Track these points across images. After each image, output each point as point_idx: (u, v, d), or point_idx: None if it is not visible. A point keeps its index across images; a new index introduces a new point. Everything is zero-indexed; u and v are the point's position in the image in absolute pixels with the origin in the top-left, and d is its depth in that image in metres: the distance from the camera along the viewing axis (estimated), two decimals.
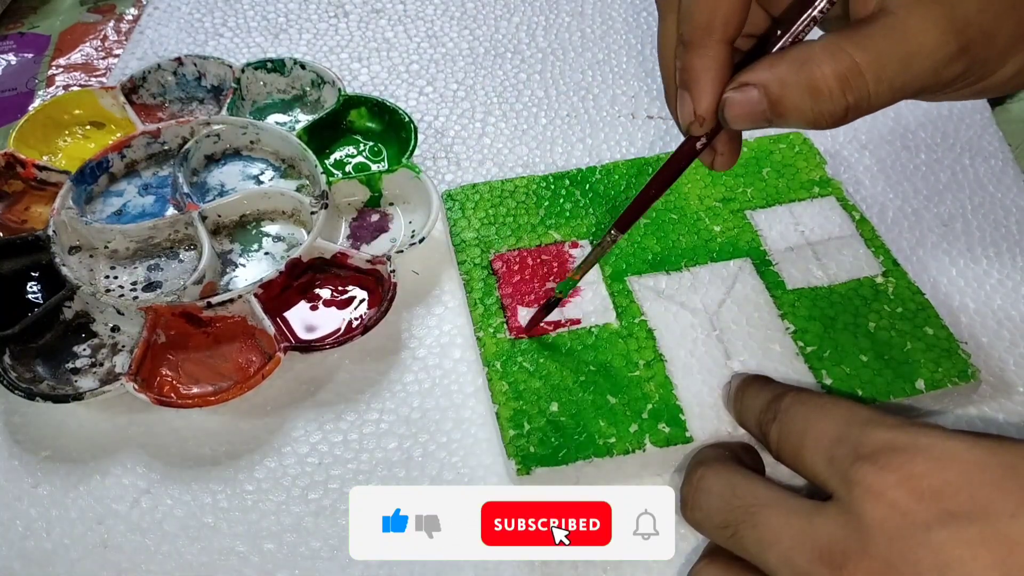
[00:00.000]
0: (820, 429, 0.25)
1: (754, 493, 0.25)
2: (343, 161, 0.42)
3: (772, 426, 0.27)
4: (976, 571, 0.21)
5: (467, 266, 0.36)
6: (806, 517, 0.23)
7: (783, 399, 0.27)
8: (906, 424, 0.24)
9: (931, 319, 0.33)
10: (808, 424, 0.25)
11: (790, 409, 0.26)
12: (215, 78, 0.45)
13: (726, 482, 0.26)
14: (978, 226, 0.39)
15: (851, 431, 0.24)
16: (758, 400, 0.28)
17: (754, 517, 0.24)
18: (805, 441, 0.25)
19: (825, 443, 0.24)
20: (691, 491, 0.27)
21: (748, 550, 0.24)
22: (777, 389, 0.28)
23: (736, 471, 0.26)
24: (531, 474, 0.29)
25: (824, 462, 0.24)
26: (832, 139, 0.44)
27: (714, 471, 0.27)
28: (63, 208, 0.37)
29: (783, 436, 0.26)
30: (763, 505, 0.24)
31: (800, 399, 0.27)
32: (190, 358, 0.34)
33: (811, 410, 0.26)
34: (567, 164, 0.43)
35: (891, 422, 0.24)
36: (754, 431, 0.29)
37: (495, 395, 0.31)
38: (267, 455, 0.32)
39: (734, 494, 0.25)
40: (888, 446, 0.23)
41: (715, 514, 0.25)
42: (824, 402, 0.26)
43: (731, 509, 0.25)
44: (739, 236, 0.37)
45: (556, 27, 0.51)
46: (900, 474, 0.22)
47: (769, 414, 0.27)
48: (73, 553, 0.30)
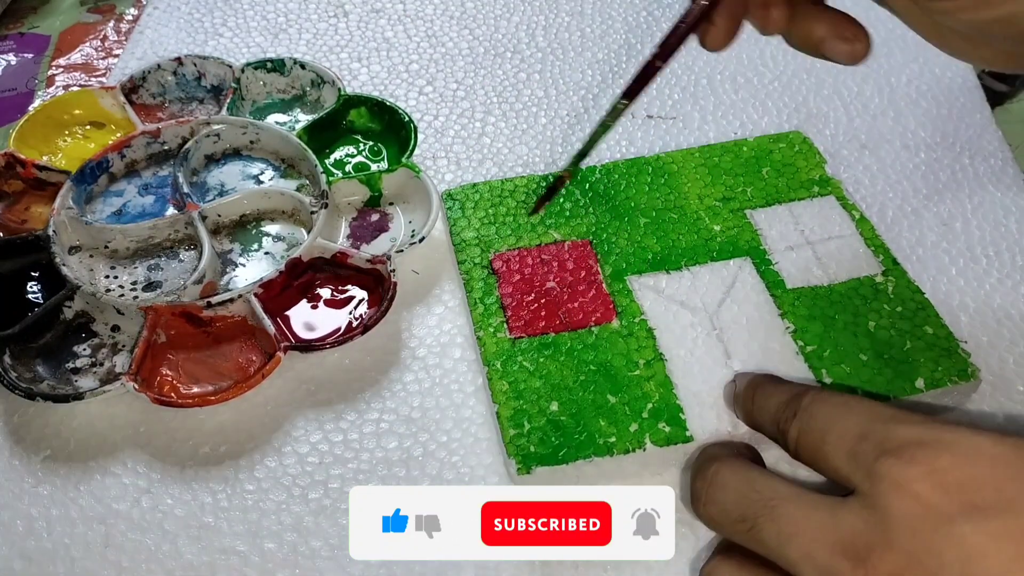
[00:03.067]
0: (843, 426, 0.25)
1: (773, 487, 0.25)
2: (343, 161, 0.42)
3: (792, 424, 0.26)
4: (1000, 563, 0.20)
5: (467, 265, 0.36)
6: (828, 511, 0.23)
7: (803, 397, 0.27)
8: (931, 421, 0.24)
9: (931, 318, 0.33)
10: (830, 421, 0.25)
11: (811, 407, 0.26)
12: (215, 78, 0.45)
13: (743, 476, 0.26)
14: (978, 225, 0.39)
15: (875, 427, 0.24)
16: (774, 399, 0.28)
17: (774, 511, 0.24)
18: (828, 438, 0.25)
19: (848, 439, 0.24)
20: (705, 485, 0.26)
21: (767, 543, 0.24)
22: (795, 388, 0.28)
23: (751, 466, 0.26)
24: (531, 473, 0.29)
25: (847, 458, 0.24)
26: (832, 139, 0.44)
27: (729, 466, 0.26)
28: (63, 208, 0.37)
29: (804, 433, 0.26)
30: (783, 499, 0.24)
31: (821, 397, 0.26)
32: (190, 358, 0.34)
33: (833, 408, 0.26)
34: (567, 163, 0.43)
35: (916, 419, 0.24)
36: (769, 429, 0.28)
37: (495, 394, 0.31)
38: (267, 454, 0.32)
39: (752, 488, 0.25)
40: (914, 441, 0.23)
41: (732, 508, 0.25)
42: (847, 400, 0.26)
43: (749, 503, 0.24)
44: (739, 235, 0.37)
45: (556, 27, 0.52)
46: (925, 468, 0.22)
47: (788, 411, 0.27)
48: (74, 552, 0.30)
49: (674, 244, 0.36)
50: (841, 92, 0.47)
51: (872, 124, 0.45)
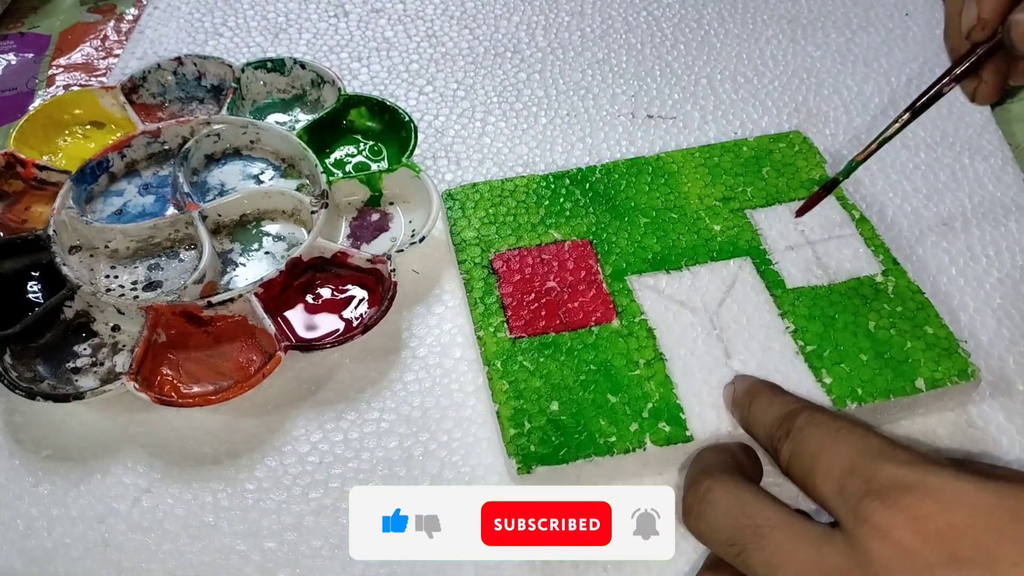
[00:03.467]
0: (832, 456, 0.25)
1: (763, 512, 0.25)
2: (343, 160, 0.42)
3: (784, 443, 0.26)
4: None
5: (467, 265, 0.36)
6: (815, 544, 0.23)
7: (797, 417, 0.27)
8: (918, 460, 0.24)
9: (931, 318, 0.33)
10: (821, 449, 0.25)
11: (804, 429, 0.26)
12: (215, 78, 0.45)
13: (734, 498, 0.26)
14: (977, 225, 0.39)
15: (863, 463, 0.24)
16: (769, 413, 0.28)
17: (763, 539, 0.24)
18: (817, 466, 0.25)
19: (836, 472, 0.24)
20: (696, 502, 0.26)
21: (755, 571, 0.24)
22: (790, 404, 0.28)
23: (744, 486, 0.26)
24: (532, 473, 0.29)
25: (834, 491, 0.24)
26: (832, 138, 0.44)
27: (721, 484, 0.26)
28: (63, 208, 0.37)
29: (795, 456, 0.26)
30: (772, 526, 0.24)
31: (814, 420, 0.26)
32: (191, 357, 0.34)
33: (824, 434, 0.26)
34: (567, 163, 0.43)
35: (903, 457, 0.24)
36: (764, 443, 0.28)
37: (495, 394, 0.31)
38: (268, 454, 0.32)
39: (743, 512, 0.25)
40: (898, 484, 0.23)
41: (721, 530, 0.25)
42: (839, 427, 0.26)
43: (739, 527, 0.25)
44: (739, 235, 0.37)
45: (556, 26, 0.52)
46: (908, 515, 0.22)
47: (782, 430, 0.27)
48: (74, 552, 0.30)
49: (674, 244, 0.36)
50: (841, 92, 0.47)
51: (872, 123, 0.45)
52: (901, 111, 0.32)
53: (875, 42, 0.50)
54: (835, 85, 0.47)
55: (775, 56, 0.49)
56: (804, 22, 0.51)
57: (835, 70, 0.48)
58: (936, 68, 0.48)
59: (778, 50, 0.49)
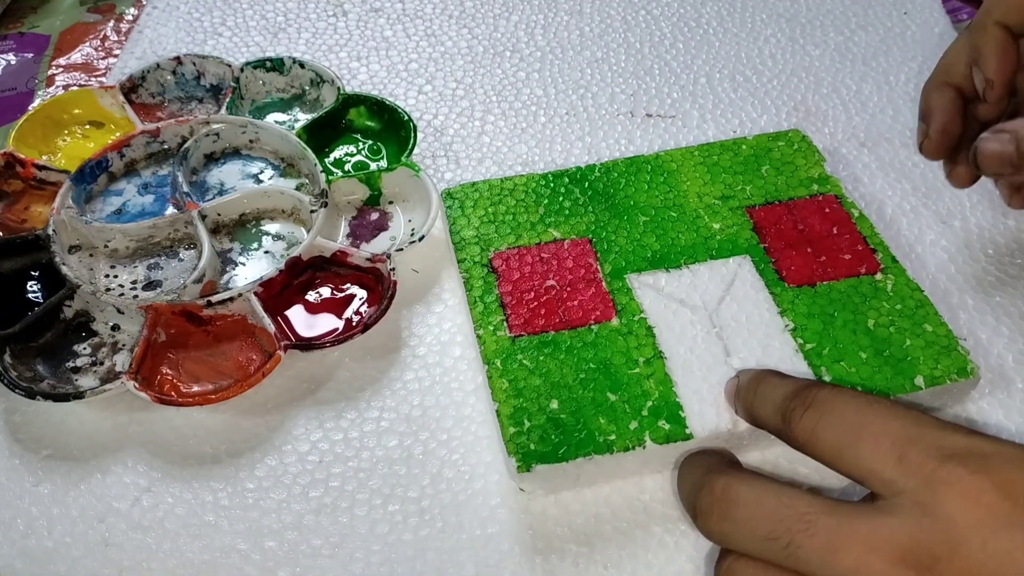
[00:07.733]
0: (882, 426, 0.24)
1: (804, 500, 0.23)
2: (342, 160, 0.42)
3: (803, 414, 0.25)
4: None
5: (467, 264, 0.36)
6: (874, 519, 0.22)
7: (814, 388, 0.26)
8: (978, 433, 0.23)
9: (930, 316, 0.33)
10: (863, 419, 0.24)
11: (833, 400, 0.25)
12: (214, 77, 0.45)
13: (764, 490, 0.24)
14: (976, 223, 0.40)
15: (926, 432, 0.23)
16: (780, 389, 0.27)
17: (812, 525, 0.23)
18: (862, 435, 0.24)
19: (894, 442, 0.23)
20: (715, 501, 0.25)
21: (808, 560, 0.23)
22: (802, 381, 0.28)
23: (765, 479, 0.25)
24: (531, 471, 0.29)
25: (894, 460, 0.23)
26: (831, 137, 0.44)
27: (741, 480, 0.25)
28: (63, 207, 0.37)
29: (823, 427, 0.25)
30: (819, 512, 0.23)
31: (842, 392, 0.26)
32: (190, 356, 0.34)
33: (864, 406, 0.25)
34: (566, 162, 0.43)
35: (964, 428, 0.23)
36: (771, 420, 0.27)
37: (495, 392, 0.31)
38: (268, 453, 0.32)
39: (780, 502, 0.24)
40: (975, 451, 0.22)
41: (759, 525, 0.24)
42: (872, 399, 0.25)
43: (779, 519, 0.23)
44: (738, 233, 0.37)
45: (555, 25, 0.52)
46: (995, 478, 0.22)
47: (797, 401, 0.26)
48: (74, 551, 0.30)
49: (673, 242, 0.36)
50: (840, 90, 0.47)
51: (871, 122, 0.45)
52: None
53: (874, 41, 0.50)
54: (834, 84, 0.47)
55: (774, 55, 0.49)
56: (803, 21, 0.51)
57: (834, 69, 0.48)
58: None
59: (777, 49, 0.50)
